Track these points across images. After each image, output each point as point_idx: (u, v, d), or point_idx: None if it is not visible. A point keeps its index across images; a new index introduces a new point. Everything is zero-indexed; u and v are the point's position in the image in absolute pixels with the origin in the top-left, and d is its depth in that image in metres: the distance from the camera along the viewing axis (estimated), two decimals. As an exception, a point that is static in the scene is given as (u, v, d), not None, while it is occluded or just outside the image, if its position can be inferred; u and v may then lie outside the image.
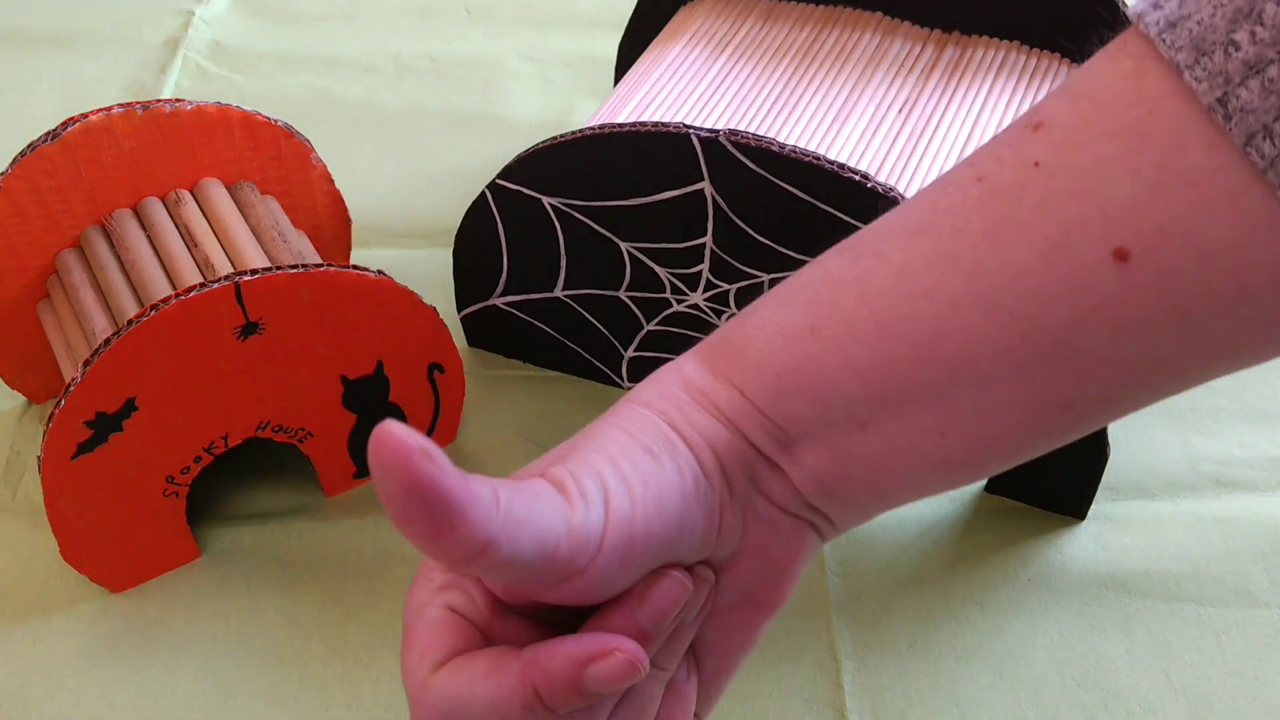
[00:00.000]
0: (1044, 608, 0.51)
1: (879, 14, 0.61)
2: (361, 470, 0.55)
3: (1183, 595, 0.51)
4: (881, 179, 0.49)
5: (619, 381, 0.59)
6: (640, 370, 0.58)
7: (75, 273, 0.52)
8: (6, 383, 0.57)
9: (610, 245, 0.53)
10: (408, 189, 0.71)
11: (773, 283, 0.51)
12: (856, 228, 0.47)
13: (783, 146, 0.47)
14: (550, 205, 0.53)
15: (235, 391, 0.49)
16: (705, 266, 0.52)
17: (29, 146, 0.50)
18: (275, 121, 0.55)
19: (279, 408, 0.51)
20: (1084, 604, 0.51)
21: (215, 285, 0.46)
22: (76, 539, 0.49)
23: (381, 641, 0.50)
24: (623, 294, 0.55)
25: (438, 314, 0.52)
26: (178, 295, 0.45)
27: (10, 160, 0.51)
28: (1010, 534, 0.53)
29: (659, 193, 0.51)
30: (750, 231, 0.50)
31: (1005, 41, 0.59)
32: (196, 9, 0.85)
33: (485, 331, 0.60)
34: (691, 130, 0.48)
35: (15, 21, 0.84)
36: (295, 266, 0.47)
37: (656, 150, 0.49)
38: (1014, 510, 0.54)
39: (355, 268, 0.49)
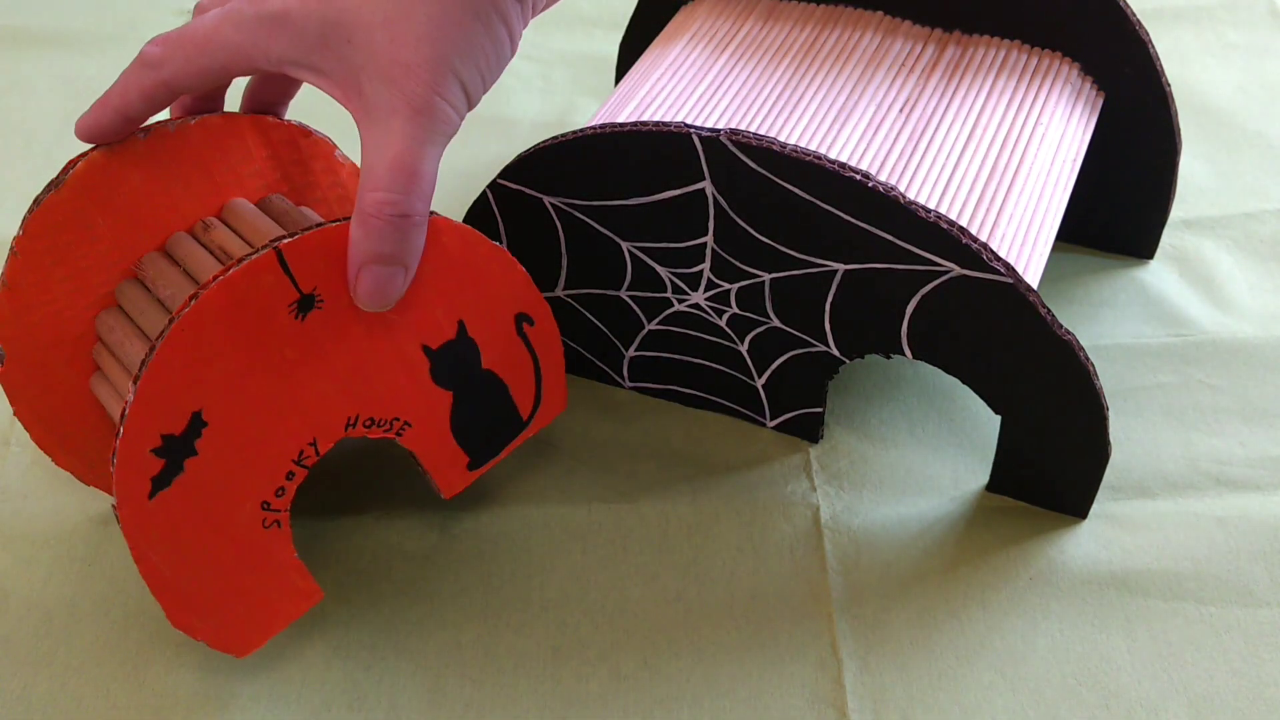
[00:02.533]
0: (1045, 607, 0.51)
1: (880, 13, 0.61)
2: (476, 459, 0.50)
3: (1184, 594, 0.51)
4: (882, 178, 0.49)
5: (620, 381, 0.59)
6: (641, 370, 0.58)
7: (117, 330, 0.47)
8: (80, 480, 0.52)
9: (611, 245, 0.53)
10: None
11: (774, 282, 0.51)
12: (858, 227, 0.48)
13: (783, 146, 0.47)
14: (551, 205, 0.53)
15: (310, 383, 0.44)
16: (706, 266, 0.52)
17: (34, 202, 0.45)
18: (288, 121, 0.50)
19: (363, 395, 0.45)
20: (1085, 603, 0.51)
21: (253, 256, 0.40)
22: (180, 597, 0.43)
23: (384, 642, 0.50)
24: (624, 293, 0.55)
25: (508, 253, 0.47)
26: (216, 278, 0.40)
27: (20, 218, 0.46)
28: (1011, 533, 0.53)
29: (660, 192, 0.51)
30: (751, 231, 0.50)
31: (1007, 41, 0.59)
32: (197, 9, 0.85)
33: None
34: (692, 130, 0.48)
35: (15, 21, 0.84)
36: (335, 221, 0.42)
37: (657, 150, 0.49)
38: (1015, 510, 0.54)
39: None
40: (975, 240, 0.47)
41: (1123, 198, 0.64)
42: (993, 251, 0.47)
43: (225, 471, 0.43)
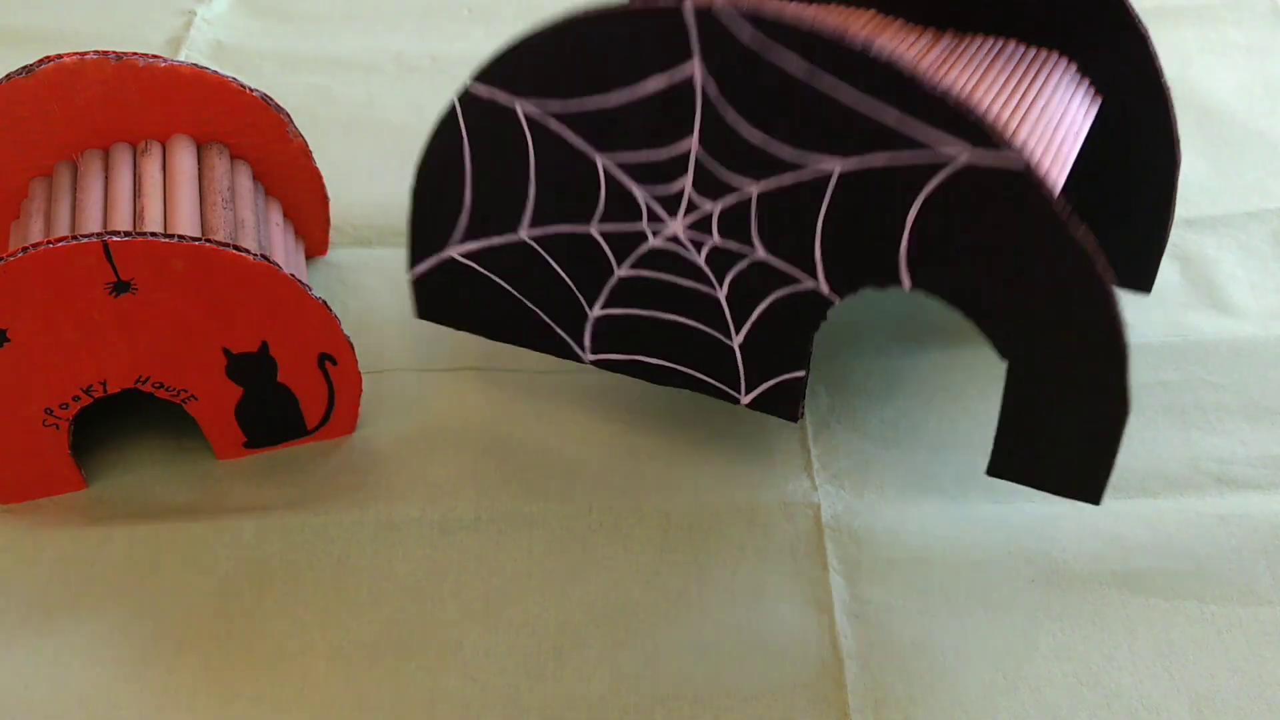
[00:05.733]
0: (1046, 606, 0.51)
1: (871, 11, 0.60)
2: (253, 440, 0.56)
3: (1185, 593, 0.51)
4: None
5: (580, 352, 0.55)
6: (606, 334, 0.54)
7: (36, 200, 0.55)
8: None
9: (585, 163, 0.50)
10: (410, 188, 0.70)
11: (761, 199, 0.48)
12: (856, 111, 0.44)
13: (780, 11, 0.44)
14: (524, 113, 0.49)
15: (111, 343, 0.51)
16: (688, 181, 0.49)
17: (5, 76, 0.54)
18: (251, 90, 0.57)
19: (158, 365, 0.53)
20: (1086, 602, 0.51)
21: (84, 240, 0.48)
22: None
23: (385, 641, 0.50)
24: (594, 228, 0.51)
25: (326, 306, 0.53)
26: (49, 242, 0.48)
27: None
28: (1013, 533, 0.53)
29: (645, 79, 0.47)
30: (742, 123, 0.46)
31: (1001, 40, 0.58)
32: (198, 9, 0.85)
33: (436, 295, 0.56)
34: (685, 3, 0.45)
35: (15, 21, 0.84)
36: (169, 236, 0.50)
37: (645, 27, 0.46)
38: (1017, 509, 0.54)
39: (236, 248, 0.50)
40: (985, 115, 0.43)
41: (1120, 227, 0.61)
42: (1003, 131, 0.43)
43: (17, 378, 0.51)
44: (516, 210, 0.52)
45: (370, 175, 0.71)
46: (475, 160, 0.51)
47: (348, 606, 0.51)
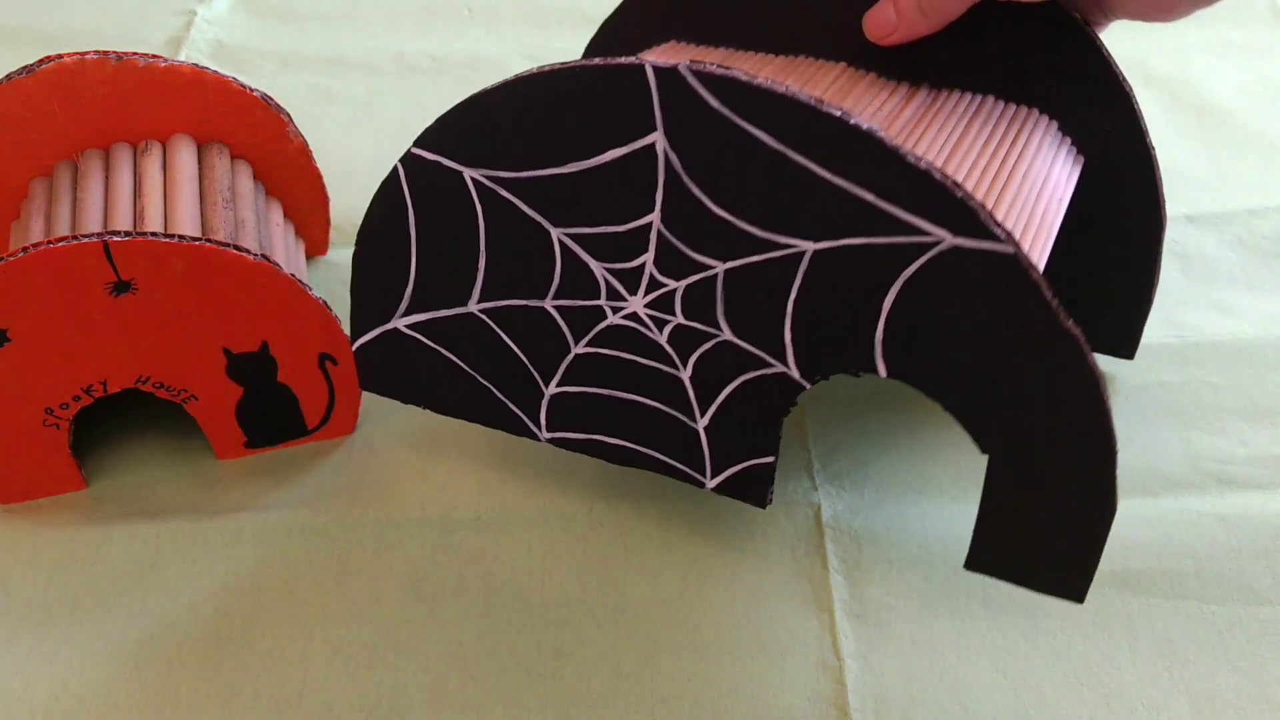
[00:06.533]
0: (1047, 605, 0.51)
1: (842, 64, 0.56)
2: (253, 440, 0.57)
3: (1186, 593, 0.51)
4: None
5: (536, 431, 0.51)
6: (563, 413, 0.50)
7: (36, 200, 0.56)
8: None
9: (539, 235, 0.46)
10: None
11: (728, 276, 0.44)
12: (833, 185, 0.41)
13: (750, 77, 0.41)
14: (472, 180, 0.45)
15: (111, 343, 0.51)
16: (649, 258, 0.45)
17: (6, 76, 0.54)
18: (251, 90, 0.58)
19: (158, 365, 0.53)
20: (1087, 601, 0.51)
21: (85, 240, 0.48)
22: None
23: (385, 641, 0.50)
24: (549, 304, 0.47)
25: (326, 306, 0.53)
26: (49, 242, 0.48)
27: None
28: (1013, 532, 0.53)
29: (603, 152, 0.43)
30: (706, 201, 0.43)
31: (979, 96, 0.54)
32: (199, 9, 0.85)
33: (381, 367, 0.52)
34: (647, 63, 0.41)
35: (15, 21, 0.84)
36: (169, 236, 0.50)
37: (604, 92, 0.42)
38: (1017, 508, 0.54)
39: (236, 248, 0.50)
40: (971, 197, 0.39)
41: (1102, 291, 0.57)
42: (991, 214, 0.39)
43: (17, 378, 0.51)
44: (466, 282, 0.48)
45: (370, 175, 0.71)
46: (421, 227, 0.48)
47: (348, 606, 0.51)
